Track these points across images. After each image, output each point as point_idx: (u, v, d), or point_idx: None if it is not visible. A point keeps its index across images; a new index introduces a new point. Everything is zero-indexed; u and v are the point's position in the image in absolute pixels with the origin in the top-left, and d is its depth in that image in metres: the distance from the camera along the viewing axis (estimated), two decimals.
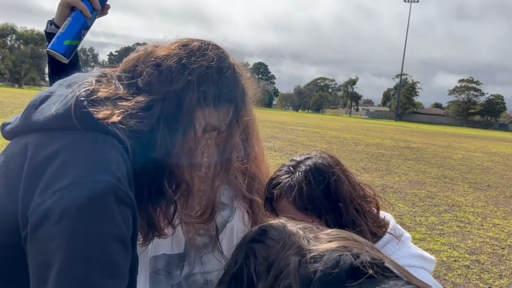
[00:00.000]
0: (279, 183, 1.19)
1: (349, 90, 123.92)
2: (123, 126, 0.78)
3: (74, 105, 0.75)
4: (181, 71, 0.85)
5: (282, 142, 15.72)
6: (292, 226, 0.74)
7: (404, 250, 1.18)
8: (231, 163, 0.97)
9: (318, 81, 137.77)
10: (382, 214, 1.27)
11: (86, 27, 1.18)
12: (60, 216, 0.66)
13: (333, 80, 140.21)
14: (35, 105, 0.81)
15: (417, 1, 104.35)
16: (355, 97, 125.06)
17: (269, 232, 0.73)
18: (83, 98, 0.77)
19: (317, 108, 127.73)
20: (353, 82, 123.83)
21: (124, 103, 0.81)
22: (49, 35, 1.23)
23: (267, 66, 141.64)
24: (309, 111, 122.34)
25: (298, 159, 1.23)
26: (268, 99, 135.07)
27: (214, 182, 0.97)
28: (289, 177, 1.19)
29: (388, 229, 1.21)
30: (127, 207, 0.73)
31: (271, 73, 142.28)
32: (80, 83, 0.82)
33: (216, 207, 1.00)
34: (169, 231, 0.98)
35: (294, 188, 1.16)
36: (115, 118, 0.77)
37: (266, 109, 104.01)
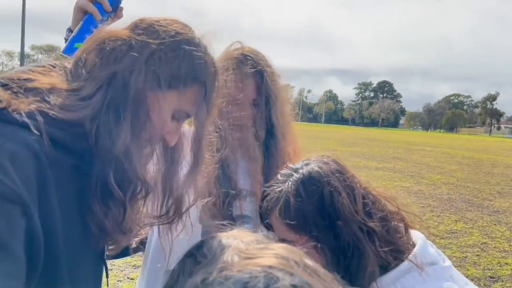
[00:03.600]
0: (268, 194, 1.00)
1: (488, 106, 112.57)
2: (39, 117, 0.68)
3: None
4: (126, 51, 0.76)
5: (405, 163, 14.66)
6: (234, 238, 0.56)
7: (430, 284, 0.88)
8: (200, 153, 0.86)
9: (451, 98, 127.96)
10: (416, 235, 1.00)
11: None
12: None
13: (468, 97, 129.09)
14: None
15: None
16: (496, 114, 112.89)
17: (204, 245, 0.58)
18: None
19: (451, 127, 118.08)
20: (493, 98, 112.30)
21: (54, 92, 0.73)
22: None
23: (392, 84, 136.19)
24: (441, 131, 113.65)
25: (295, 166, 1.02)
26: (394, 119, 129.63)
27: (176, 177, 0.87)
28: (279, 187, 0.99)
29: (410, 255, 0.92)
30: (12, 204, 0.61)
31: (397, 91, 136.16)
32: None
33: (182, 204, 0.89)
34: (123, 237, 0.86)
35: (281, 200, 0.96)
36: (26, 107, 0.68)
37: (392, 129, 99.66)
